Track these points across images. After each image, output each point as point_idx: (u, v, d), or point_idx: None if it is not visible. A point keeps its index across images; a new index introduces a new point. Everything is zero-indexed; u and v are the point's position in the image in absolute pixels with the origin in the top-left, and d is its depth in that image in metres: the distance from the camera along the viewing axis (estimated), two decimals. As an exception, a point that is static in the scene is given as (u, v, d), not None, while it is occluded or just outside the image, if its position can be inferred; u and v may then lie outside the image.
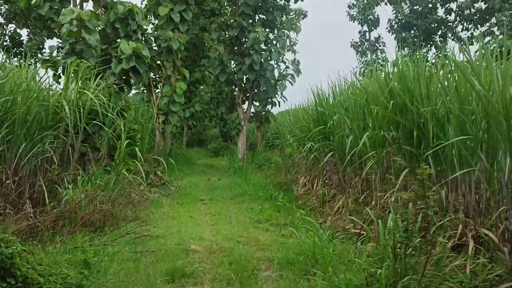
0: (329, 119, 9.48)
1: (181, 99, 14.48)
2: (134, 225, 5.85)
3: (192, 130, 26.36)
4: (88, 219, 4.91)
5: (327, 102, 9.72)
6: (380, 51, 28.95)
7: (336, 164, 9.85)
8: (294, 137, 12.34)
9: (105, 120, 8.72)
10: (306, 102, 15.45)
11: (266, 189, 9.44)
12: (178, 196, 9.46)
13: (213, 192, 10.27)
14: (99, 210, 5.12)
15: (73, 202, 5.19)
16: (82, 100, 8.04)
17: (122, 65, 9.04)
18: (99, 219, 5.07)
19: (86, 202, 5.37)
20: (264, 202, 8.48)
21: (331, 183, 10.72)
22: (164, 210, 7.60)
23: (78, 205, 5.18)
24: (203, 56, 19.31)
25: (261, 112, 19.45)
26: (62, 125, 7.81)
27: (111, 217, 5.37)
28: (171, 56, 14.16)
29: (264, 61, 17.66)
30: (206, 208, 8.11)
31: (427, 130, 5.92)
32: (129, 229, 5.37)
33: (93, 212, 5.03)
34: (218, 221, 6.70)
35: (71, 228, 4.74)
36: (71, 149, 7.69)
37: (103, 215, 5.16)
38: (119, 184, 7.33)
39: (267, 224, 6.51)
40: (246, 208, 7.93)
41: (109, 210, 5.28)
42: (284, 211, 7.43)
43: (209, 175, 14.39)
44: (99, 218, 5.07)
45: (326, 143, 9.77)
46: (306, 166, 10.78)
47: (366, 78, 8.72)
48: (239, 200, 9.09)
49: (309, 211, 7.15)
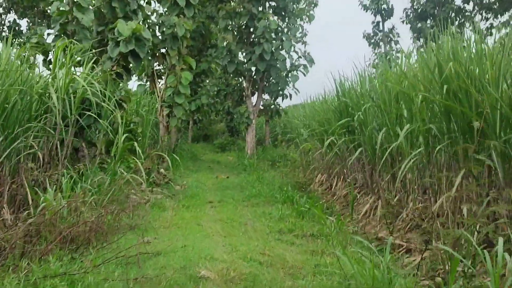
0: (355, 110, 8.34)
1: (187, 91, 13.36)
2: (129, 237, 4.74)
3: (198, 125, 25.35)
4: (68, 233, 3.81)
5: (352, 92, 8.57)
6: (394, 42, 27.65)
7: (361, 161, 8.72)
8: (311, 131, 11.20)
9: (101, 111, 7.63)
10: (317, 95, 14.42)
11: (283, 189, 8.32)
12: (184, 197, 8.37)
13: (222, 192, 9.17)
14: (83, 221, 4.00)
15: (51, 211, 4.09)
16: (73, 87, 6.94)
17: (119, 48, 7.92)
18: (83, 233, 3.96)
19: (70, 210, 4.26)
20: (283, 206, 7.37)
21: (353, 182, 9.62)
22: (168, 215, 6.51)
23: (58, 215, 4.07)
24: (210, 46, 18.16)
25: (271, 105, 18.31)
26: (49, 116, 6.73)
27: (100, 230, 4.24)
28: (176, 43, 13.03)
29: (275, 51, 16.52)
30: (216, 212, 7.01)
31: (493, 121, 4.76)
32: (123, 245, 4.26)
33: (75, 225, 3.91)
34: (231, 230, 5.59)
35: (46, 246, 3.63)
36: (59, 144, 6.60)
37: (89, 228, 4.04)
38: (115, 185, 6.23)
39: (291, 235, 5.39)
40: (263, 213, 6.82)
41: (97, 222, 4.16)
42: (309, 218, 6.32)
43: (217, 172, 13.31)
44: (83, 232, 3.96)
45: (351, 137, 8.64)
46: (326, 163, 9.66)
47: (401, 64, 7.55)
48: (253, 202, 7.99)
49: (340, 217, 6.02)
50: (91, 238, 3.95)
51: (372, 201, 8.02)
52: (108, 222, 4.63)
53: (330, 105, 10.01)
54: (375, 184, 8.24)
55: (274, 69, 16.74)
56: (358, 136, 8.21)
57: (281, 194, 7.99)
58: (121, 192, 6.18)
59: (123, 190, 6.32)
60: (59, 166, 7.14)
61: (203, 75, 18.63)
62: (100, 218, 4.17)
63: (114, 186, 6.17)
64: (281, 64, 16.71)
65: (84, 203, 4.86)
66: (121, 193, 6.19)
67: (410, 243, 5.89)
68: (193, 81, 17.36)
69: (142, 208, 6.84)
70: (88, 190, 5.59)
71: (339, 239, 5.25)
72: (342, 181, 10.04)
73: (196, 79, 18.18)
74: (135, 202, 7.47)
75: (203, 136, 26.35)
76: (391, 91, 7.16)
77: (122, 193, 6.22)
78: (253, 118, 17.26)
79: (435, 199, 5.97)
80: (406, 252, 5.70)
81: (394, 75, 6.76)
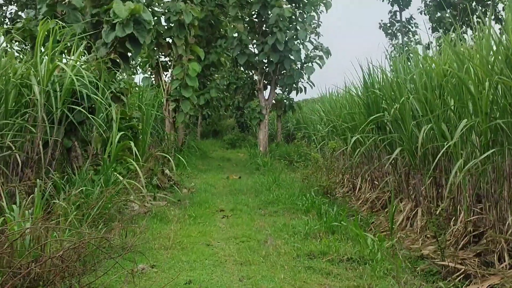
0: (389, 104, 7.20)
1: (195, 83, 12.25)
2: (118, 267, 3.64)
3: (207, 120, 24.34)
4: (26, 274, 2.70)
5: (386, 81, 7.41)
6: (412, 33, 26.27)
7: (392, 162, 7.59)
8: (332, 128, 10.05)
9: (96, 105, 6.56)
10: (331, 89, 13.23)
11: (305, 195, 7.20)
12: (191, 204, 7.28)
13: (235, 197, 8.06)
14: (44, 258, 2.88)
15: (11, 237, 3.00)
16: (60, 78, 5.87)
17: (115, 32, 6.81)
18: (47, 273, 2.85)
19: (35, 237, 3.17)
20: (307, 216, 6.26)
21: (378, 184, 8.49)
22: (171, 230, 5.41)
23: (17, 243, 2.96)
24: (220, 37, 17.02)
25: (284, 100, 17.13)
26: (30, 111, 5.67)
27: (71, 268, 3.10)
28: (183, 31, 11.91)
29: (289, 41, 15.34)
30: (228, 225, 5.90)
31: None
32: (107, 284, 3.18)
33: (34, 263, 2.79)
34: (249, 254, 4.46)
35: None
36: (41, 145, 5.54)
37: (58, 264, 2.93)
38: (107, 194, 5.15)
39: (324, 260, 4.26)
40: (284, 226, 5.70)
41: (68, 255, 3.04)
42: (341, 233, 5.20)
43: (228, 172, 12.23)
44: (47, 272, 2.85)
45: (383, 135, 7.49)
46: (350, 164, 8.51)
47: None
48: (270, 210, 6.88)
49: (381, 237, 4.89)
50: (56, 283, 2.84)
51: (409, 209, 6.91)
52: (91, 246, 3.56)
53: (356, 98, 8.86)
54: (412, 189, 7.12)
55: (288, 61, 15.60)
56: (393, 134, 7.06)
57: (304, 201, 6.87)
58: (114, 204, 5.09)
59: (116, 200, 5.23)
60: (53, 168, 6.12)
61: (212, 67, 17.52)
62: (73, 250, 3.06)
63: (106, 195, 5.08)
64: (295, 55, 15.56)
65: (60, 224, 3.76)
66: (114, 205, 5.10)
67: (466, 265, 4.77)
68: (201, 74, 16.26)
69: (141, 220, 5.75)
70: (71, 203, 4.52)
71: (386, 266, 4.13)
72: (368, 183, 8.92)
73: (204, 71, 17.09)
74: (133, 212, 6.39)
75: (213, 132, 25.36)
76: (436, 80, 6.03)
77: (114, 205, 5.13)
78: (266, 113, 16.12)
79: (497, 210, 4.85)
80: (465, 277, 4.59)
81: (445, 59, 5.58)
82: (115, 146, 6.08)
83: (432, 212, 6.38)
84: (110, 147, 6.12)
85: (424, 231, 6.29)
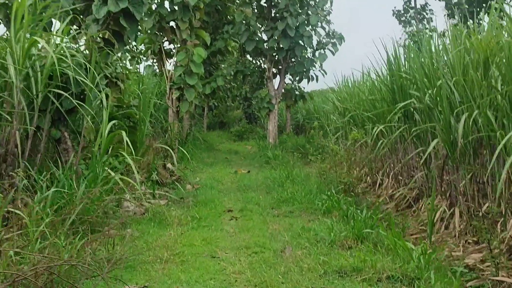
0: (420, 89, 6.32)
1: (200, 70, 11.36)
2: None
3: (213, 112, 23.49)
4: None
5: (417, 62, 6.49)
6: (427, 20, 25.11)
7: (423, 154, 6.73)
8: (350, 118, 9.14)
9: (86, 90, 5.71)
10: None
11: (325, 193, 6.33)
12: (195, 203, 6.43)
13: (244, 194, 7.21)
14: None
15: None
16: (40, 57, 5.03)
17: (108, 6, 5.94)
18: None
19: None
20: (327, 216, 5.41)
21: (402, 179, 7.63)
22: (170, 236, 4.57)
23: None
24: (227, 22, 16.11)
25: (295, 89, 16.20)
26: (4, 95, 4.84)
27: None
28: (187, 14, 11.01)
29: (300, 26, 14.39)
30: (238, 230, 5.04)
31: None
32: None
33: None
34: (264, 270, 3.60)
35: None
36: (18, 135, 4.71)
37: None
38: (94, 191, 4.33)
39: (360, 279, 3.39)
40: (303, 231, 4.84)
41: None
42: (371, 241, 4.33)
43: (235, 166, 11.38)
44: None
45: (413, 125, 6.59)
46: (375, 156, 7.61)
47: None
48: (285, 211, 6.02)
49: (425, 246, 4.01)
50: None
51: (443, 209, 6.04)
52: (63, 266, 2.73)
53: (378, 84, 7.96)
54: (446, 185, 6.26)
55: (299, 47, 14.68)
56: (427, 123, 6.16)
57: (323, 200, 6.00)
58: (101, 205, 4.26)
59: (105, 200, 4.40)
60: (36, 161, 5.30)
61: (219, 54, 16.61)
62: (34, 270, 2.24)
63: (92, 195, 4.25)
64: (307, 41, 14.61)
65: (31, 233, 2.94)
66: (101, 207, 4.26)
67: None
68: (207, 61, 15.39)
69: (135, 224, 4.92)
70: (47, 205, 3.70)
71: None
72: (391, 179, 8.04)
73: (210, 59, 16.21)
74: (128, 213, 5.56)
75: (219, 123, 24.53)
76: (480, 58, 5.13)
77: (101, 206, 4.29)
78: (276, 103, 15.21)
79: None
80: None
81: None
82: (105, 136, 5.23)
83: (472, 213, 5.53)
84: (100, 138, 5.27)
85: (463, 235, 5.44)
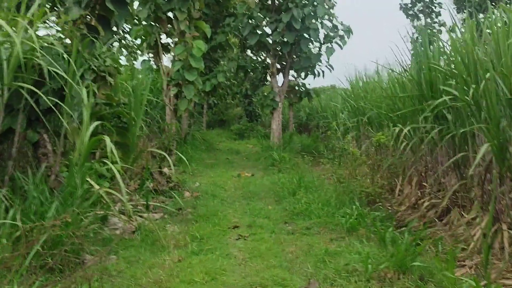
0: (461, 82, 5.41)
1: (200, 65, 10.45)
2: None
3: (213, 109, 22.60)
4: None
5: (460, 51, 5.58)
6: (436, 13, 24.16)
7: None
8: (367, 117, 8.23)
9: (68, 86, 4.79)
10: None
11: (346, 204, 5.44)
12: (195, 216, 5.53)
13: (250, 204, 6.32)
14: None
15: None
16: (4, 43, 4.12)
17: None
18: None
19: None
20: (352, 235, 4.53)
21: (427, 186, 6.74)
22: (163, 268, 3.66)
23: None
24: (228, 15, 15.18)
25: (300, 86, 15.28)
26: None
27: None
28: (186, 3, 10.09)
29: (306, 18, 13.44)
30: (247, 253, 4.14)
31: None
32: None
33: None
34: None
35: None
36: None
37: None
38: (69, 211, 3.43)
39: None
40: (329, 257, 3.94)
41: None
42: (418, 275, 3.44)
43: (238, 168, 10.50)
44: None
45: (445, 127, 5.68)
46: (403, 159, 6.70)
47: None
48: (301, 226, 5.12)
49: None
50: None
51: (485, 225, 5.14)
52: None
53: (401, 78, 7.05)
54: (488, 197, 5.38)
55: (305, 41, 13.73)
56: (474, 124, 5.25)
57: (346, 214, 5.10)
58: (79, 229, 3.35)
59: (83, 221, 3.50)
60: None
61: (220, 49, 15.68)
62: None
63: (66, 217, 3.34)
64: (313, 34, 13.65)
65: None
66: (78, 230, 3.36)
67: None
68: (207, 56, 14.46)
69: (122, 248, 4.02)
70: None
71: None
72: (415, 185, 7.16)
73: (211, 54, 15.28)
74: (116, 231, 4.66)
75: (219, 121, 23.73)
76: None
77: (80, 229, 3.39)
78: (280, 100, 14.29)
79: None
80: None
81: None
82: (87, 140, 4.32)
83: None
84: (80, 143, 4.36)
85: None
